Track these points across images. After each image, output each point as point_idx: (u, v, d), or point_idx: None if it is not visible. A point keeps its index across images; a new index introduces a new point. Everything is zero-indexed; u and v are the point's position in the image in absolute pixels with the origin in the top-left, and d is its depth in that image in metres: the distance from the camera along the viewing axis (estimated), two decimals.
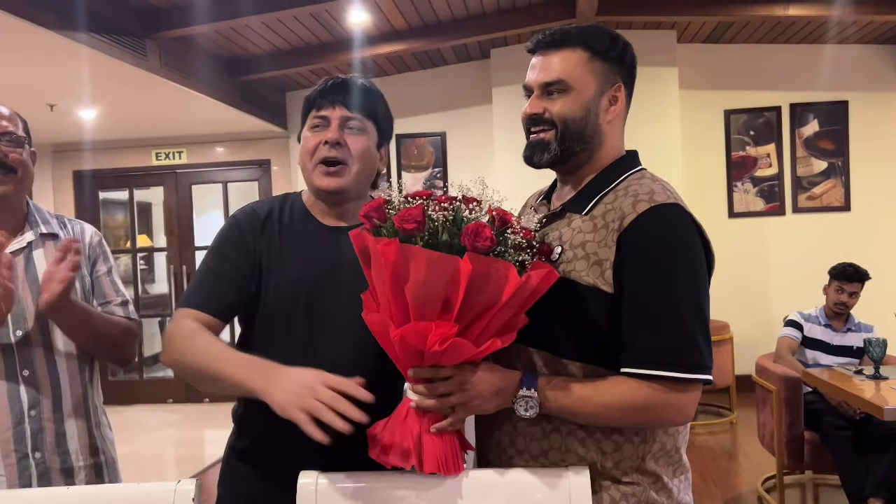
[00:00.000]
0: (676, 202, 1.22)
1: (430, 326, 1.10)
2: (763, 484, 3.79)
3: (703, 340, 1.17)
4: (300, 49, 5.28)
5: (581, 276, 1.20)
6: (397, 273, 1.10)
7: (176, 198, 6.70)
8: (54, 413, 1.58)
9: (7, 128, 1.59)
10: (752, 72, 5.95)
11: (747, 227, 5.98)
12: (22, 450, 1.54)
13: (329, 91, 1.43)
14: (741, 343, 5.49)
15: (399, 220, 1.11)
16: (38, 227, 1.66)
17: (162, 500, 1.17)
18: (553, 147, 1.28)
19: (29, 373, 1.56)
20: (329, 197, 1.44)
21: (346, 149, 1.40)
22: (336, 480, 1.20)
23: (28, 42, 3.65)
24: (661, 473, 1.24)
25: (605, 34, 1.31)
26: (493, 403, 1.20)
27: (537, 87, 1.30)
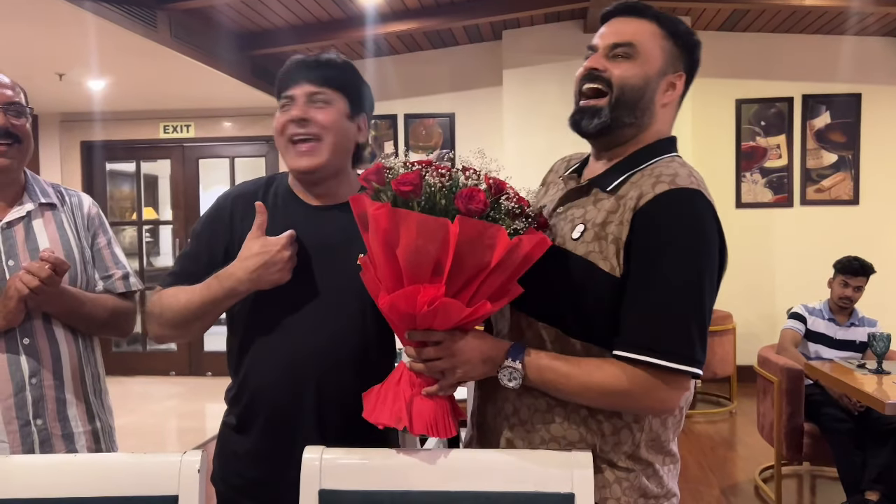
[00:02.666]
0: (699, 189, 1.19)
1: (418, 289, 1.12)
2: (760, 474, 3.81)
3: (696, 332, 1.14)
4: (312, 25, 5.24)
5: (598, 258, 1.19)
6: (389, 236, 1.11)
7: (183, 171, 6.69)
8: (54, 381, 1.60)
9: (12, 97, 1.59)
10: (765, 61, 5.90)
11: (754, 218, 5.96)
12: (24, 417, 1.55)
13: (293, 70, 1.43)
14: (744, 334, 5.49)
15: (396, 183, 1.12)
16: (38, 198, 1.66)
17: (168, 470, 1.18)
18: (605, 113, 1.24)
19: (29, 342, 1.57)
20: (307, 176, 1.43)
21: (314, 123, 1.39)
22: (340, 456, 1.21)
23: (37, 10, 3.63)
24: (653, 461, 1.25)
25: (682, 24, 1.30)
26: (479, 371, 1.21)
27: (604, 48, 1.27)
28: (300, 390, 1.38)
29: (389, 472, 1.19)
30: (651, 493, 1.24)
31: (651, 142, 1.28)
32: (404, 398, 1.20)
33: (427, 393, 1.20)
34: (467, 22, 5.35)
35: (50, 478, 1.19)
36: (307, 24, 5.23)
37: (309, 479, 1.18)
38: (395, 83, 6.16)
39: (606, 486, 1.22)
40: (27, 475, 1.19)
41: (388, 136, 6.23)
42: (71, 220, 1.70)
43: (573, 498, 1.15)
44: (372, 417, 1.21)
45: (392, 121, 6.22)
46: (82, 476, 1.19)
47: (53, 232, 1.65)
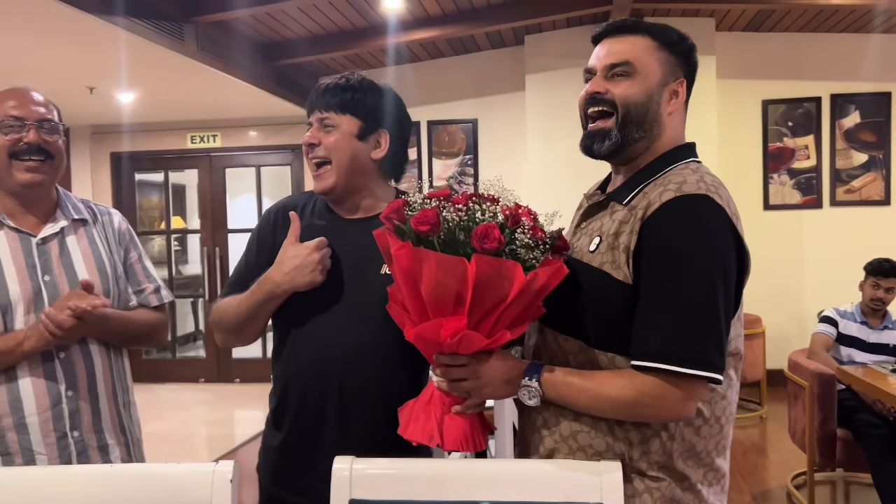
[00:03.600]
0: (707, 193, 1.17)
1: (441, 322, 1.17)
2: (793, 480, 3.75)
3: (709, 337, 1.14)
4: (335, 35, 5.29)
5: (611, 268, 1.20)
6: (412, 273, 1.17)
7: (210, 180, 6.78)
8: (89, 393, 1.63)
9: (45, 115, 1.62)
10: (792, 61, 5.83)
11: (783, 220, 5.88)
12: (60, 429, 1.58)
13: (312, 96, 1.52)
14: (773, 337, 5.41)
15: (415, 222, 1.17)
16: (70, 214, 1.69)
17: (200, 480, 1.20)
18: (614, 134, 1.26)
19: (64, 355, 1.59)
20: (326, 197, 1.53)
21: (321, 147, 1.49)
22: (370, 466, 1.22)
23: (70, 26, 3.71)
24: (690, 475, 1.22)
25: (673, 30, 1.31)
26: (503, 391, 1.25)
27: (602, 69, 1.28)
28: (325, 389, 1.46)
29: (420, 481, 1.20)
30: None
31: (665, 150, 1.28)
32: (435, 417, 1.24)
33: (455, 411, 1.25)
34: (489, 28, 5.36)
35: (85, 488, 1.21)
36: (330, 34, 5.28)
37: (339, 489, 1.20)
38: (418, 90, 6.18)
39: (636, 495, 1.21)
40: (63, 486, 1.22)
41: (412, 142, 6.26)
42: (102, 235, 1.74)
43: None
44: (406, 434, 1.26)
45: (415, 128, 6.25)
46: (116, 486, 1.21)
47: (86, 247, 1.68)
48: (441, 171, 6.22)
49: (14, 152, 1.58)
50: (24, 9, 3.47)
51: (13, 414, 1.54)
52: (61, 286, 1.61)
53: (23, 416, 1.54)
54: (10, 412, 1.54)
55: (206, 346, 6.96)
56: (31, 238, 1.62)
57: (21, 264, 1.59)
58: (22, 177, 1.59)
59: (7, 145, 1.57)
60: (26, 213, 1.64)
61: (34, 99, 1.63)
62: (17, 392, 1.54)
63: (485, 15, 5.20)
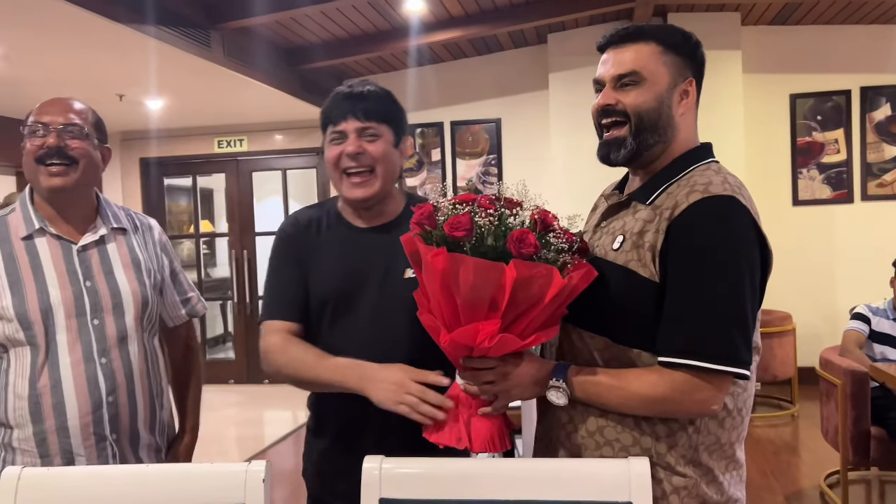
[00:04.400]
0: (732, 195, 1.20)
1: (477, 327, 1.18)
2: (826, 479, 3.70)
3: (738, 333, 1.16)
4: (357, 37, 5.33)
5: (637, 266, 1.22)
6: (447, 279, 1.18)
7: (237, 184, 6.87)
8: (128, 398, 1.65)
9: (72, 120, 1.63)
10: (820, 54, 5.74)
11: (812, 216, 5.79)
12: (100, 432, 1.60)
13: (338, 105, 1.51)
14: (804, 335, 5.34)
15: (449, 227, 1.19)
16: (110, 222, 1.71)
17: (234, 480, 1.23)
18: (629, 142, 1.28)
19: (105, 360, 1.62)
20: (362, 204, 1.53)
21: (367, 156, 1.48)
22: (399, 465, 1.24)
23: (100, 36, 3.79)
24: (714, 467, 1.24)
25: (677, 31, 1.31)
26: (531, 392, 1.27)
27: (610, 80, 1.30)
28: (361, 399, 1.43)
29: (449, 480, 1.22)
30: (710, 500, 1.24)
31: (682, 151, 1.31)
32: (462, 419, 1.26)
33: (483, 413, 1.26)
34: (512, 27, 5.36)
35: (120, 488, 1.25)
36: (353, 37, 5.32)
37: (369, 488, 1.21)
38: (440, 91, 6.20)
39: (664, 497, 1.22)
40: (99, 486, 1.25)
41: (435, 143, 6.28)
42: (143, 245, 1.76)
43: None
44: (433, 438, 1.28)
45: (438, 128, 6.26)
46: (151, 486, 1.25)
47: (126, 256, 1.71)
48: (464, 172, 6.23)
49: (39, 157, 1.59)
50: (56, 20, 3.55)
51: (56, 417, 1.57)
52: (102, 292, 1.64)
53: (65, 420, 1.57)
54: (53, 415, 1.57)
55: (235, 348, 7.05)
56: (72, 245, 1.64)
57: (62, 270, 1.61)
58: (46, 182, 1.60)
59: (33, 150, 1.60)
60: (65, 220, 1.66)
61: (64, 106, 1.65)
62: (60, 396, 1.57)
63: (507, 14, 5.20)
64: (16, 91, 4.87)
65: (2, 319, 1.57)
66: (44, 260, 1.61)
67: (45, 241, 1.63)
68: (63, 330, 1.58)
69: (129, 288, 1.67)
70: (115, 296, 1.65)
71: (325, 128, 1.54)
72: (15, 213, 1.66)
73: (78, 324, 1.60)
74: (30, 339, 1.57)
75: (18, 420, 1.58)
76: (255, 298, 6.78)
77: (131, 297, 1.67)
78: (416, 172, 6.30)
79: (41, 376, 1.57)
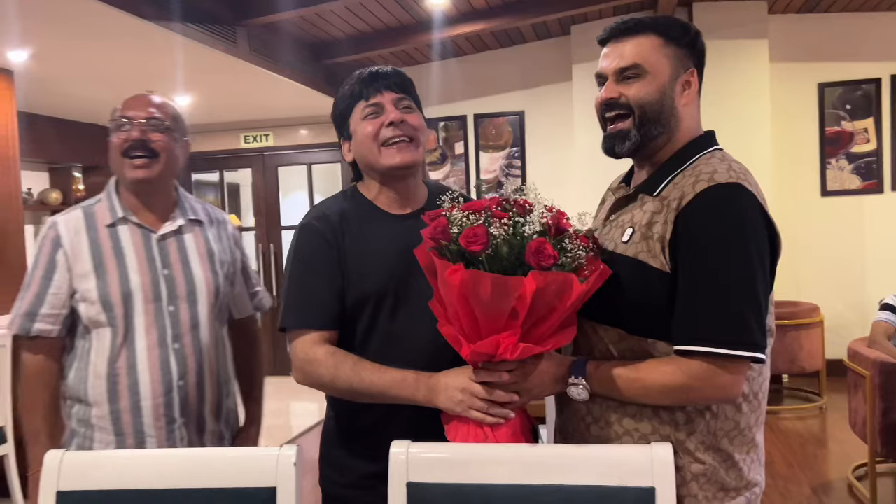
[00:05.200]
0: (738, 182, 1.21)
1: (497, 340, 1.20)
2: (854, 472, 3.66)
3: (752, 318, 1.17)
4: (381, 32, 5.35)
5: (648, 257, 1.24)
6: (465, 294, 1.19)
7: (263, 179, 6.94)
8: (197, 383, 1.72)
9: (153, 113, 1.70)
10: (849, 42, 5.65)
11: (841, 206, 5.71)
12: (170, 415, 1.67)
13: (370, 80, 1.50)
14: (833, 326, 5.28)
15: (465, 241, 1.19)
16: (188, 214, 1.78)
17: (266, 463, 1.26)
18: (633, 134, 1.30)
19: (178, 346, 1.69)
20: (401, 172, 1.48)
21: (408, 125, 1.47)
22: (426, 450, 1.26)
23: (128, 33, 3.86)
24: (733, 452, 1.26)
25: (676, 22, 1.33)
26: (551, 389, 1.30)
27: (612, 74, 1.32)
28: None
29: (474, 465, 1.24)
30: (730, 486, 1.26)
31: (686, 141, 1.32)
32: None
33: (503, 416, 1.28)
34: (535, 19, 5.34)
35: (157, 470, 1.28)
36: (377, 31, 5.34)
37: (397, 473, 1.24)
38: (464, 84, 6.21)
39: (684, 483, 1.24)
40: (137, 468, 1.29)
41: (459, 136, 6.29)
42: (217, 237, 1.83)
43: (654, 492, 1.17)
44: (457, 440, 1.29)
45: (462, 121, 6.27)
46: (188, 469, 1.28)
47: (202, 247, 1.78)
48: (488, 165, 6.24)
49: (124, 150, 1.67)
50: (84, 19, 3.61)
51: (130, 397, 1.65)
52: (178, 280, 1.71)
53: (139, 400, 1.65)
54: (128, 395, 1.65)
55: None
56: (152, 234, 1.72)
57: (142, 257, 1.69)
58: (129, 174, 1.68)
59: (119, 143, 1.67)
60: (147, 210, 1.73)
61: (147, 100, 1.73)
62: (135, 377, 1.65)
63: (531, 6, 5.19)
64: (45, 89, 4.98)
65: (86, 301, 1.66)
66: (126, 247, 1.69)
67: (127, 229, 1.71)
68: (141, 314, 1.66)
69: (203, 277, 1.74)
70: (190, 284, 1.72)
71: (348, 111, 1.51)
72: (101, 202, 1.74)
73: (154, 309, 1.67)
74: (110, 321, 1.65)
75: (97, 398, 1.66)
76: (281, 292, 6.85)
77: (205, 287, 1.74)
78: (440, 166, 6.31)
79: (119, 357, 1.65)
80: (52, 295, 1.67)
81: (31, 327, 1.67)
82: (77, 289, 1.67)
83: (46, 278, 1.68)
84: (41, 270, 1.69)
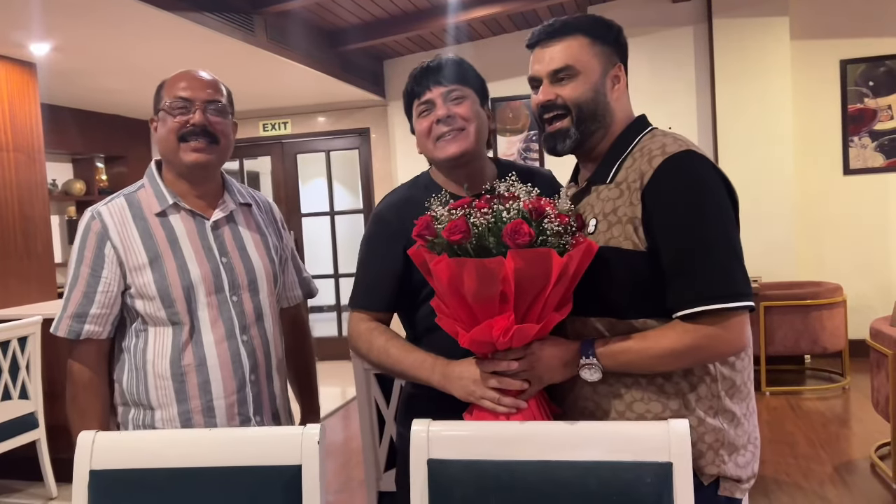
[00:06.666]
0: (689, 149, 1.28)
1: (490, 324, 1.23)
2: (877, 451, 3.65)
3: (737, 269, 1.24)
4: (396, 17, 5.35)
5: (620, 241, 1.28)
6: (454, 283, 1.23)
7: (282, 167, 6.99)
8: (267, 376, 1.64)
9: (213, 96, 1.60)
10: (872, 18, 5.54)
11: (865, 185, 5.64)
12: (245, 413, 1.59)
13: (421, 78, 1.54)
14: (856, 307, 5.23)
15: (447, 233, 1.24)
16: (237, 198, 1.69)
17: (290, 442, 1.29)
18: (572, 132, 1.36)
19: (246, 338, 1.60)
20: (456, 161, 1.51)
21: (457, 118, 1.51)
22: (446, 428, 1.29)
23: (149, 24, 3.90)
24: (736, 410, 1.31)
25: (600, 21, 1.39)
26: (561, 374, 1.32)
27: (546, 76, 1.37)
28: None
29: (494, 442, 1.26)
30: (738, 443, 1.31)
31: (622, 129, 1.38)
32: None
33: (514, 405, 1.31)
34: (552, 1, 5.31)
35: (187, 449, 1.32)
36: (392, 17, 5.34)
37: (418, 450, 1.27)
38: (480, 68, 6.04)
39: (700, 455, 1.29)
40: (167, 448, 1.33)
41: None
42: (265, 220, 1.75)
43: (671, 467, 1.19)
44: None
45: None
46: (215, 448, 1.31)
47: (255, 231, 1.69)
48: (506, 149, 6.23)
49: (182, 134, 1.56)
50: (106, 10, 3.66)
51: (202, 397, 1.56)
52: (237, 269, 1.61)
53: (211, 400, 1.56)
54: (199, 395, 1.56)
55: None
56: (205, 221, 1.61)
57: (198, 246, 1.59)
58: (188, 157, 1.56)
59: (175, 127, 1.56)
60: (197, 197, 1.62)
61: (203, 80, 1.61)
62: (206, 375, 1.56)
63: None
64: (68, 81, 5.05)
65: (143, 297, 1.55)
66: (180, 236, 1.58)
67: (179, 217, 1.60)
68: (204, 307, 1.56)
69: (262, 264, 1.66)
70: (250, 272, 1.63)
71: (409, 108, 1.57)
72: (144, 189, 1.62)
73: (218, 300, 1.57)
74: (171, 317, 1.55)
75: (162, 400, 1.56)
76: None
77: (264, 274, 1.65)
78: None
79: (184, 355, 1.55)
80: (102, 293, 1.55)
81: (80, 329, 1.55)
82: (132, 283, 1.54)
83: (94, 276, 1.55)
84: (87, 267, 1.55)
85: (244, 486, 1.27)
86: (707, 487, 1.30)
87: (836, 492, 3.27)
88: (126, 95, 5.63)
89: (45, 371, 3.57)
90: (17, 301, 4.21)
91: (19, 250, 4.29)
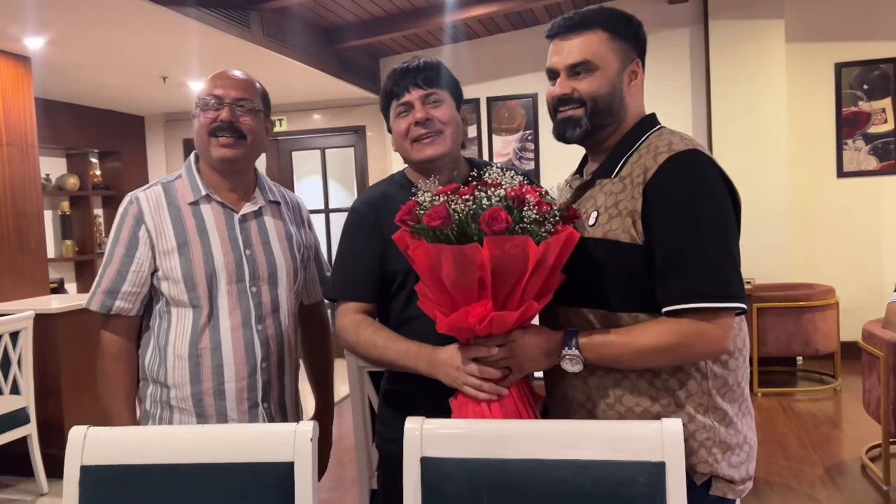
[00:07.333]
0: (695, 148, 1.29)
1: (467, 311, 1.24)
2: (867, 452, 3.67)
3: (731, 271, 1.24)
4: (393, 15, 5.34)
5: (618, 234, 1.28)
6: (432, 269, 1.24)
7: (278, 164, 6.97)
8: (278, 366, 1.72)
9: (242, 95, 1.68)
10: (866, 22, 5.57)
11: (858, 187, 5.66)
12: (253, 398, 1.67)
13: (399, 79, 1.56)
14: (849, 309, 5.25)
15: (427, 219, 1.24)
16: (267, 195, 1.77)
17: (283, 440, 1.29)
18: (584, 122, 1.36)
19: (261, 327, 1.68)
20: (432, 164, 1.55)
21: (435, 121, 1.53)
22: (440, 426, 1.29)
23: (143, 19, 3.88)
24: (728, 409, 1.31)
25: (621, 15, 1.38)
26: (542, 363, 1.33)
27: (564, 69, 1.37)
28: None
29: (487, 440, 1.26)
30: (731, 442, 1.31)
31: (632, 125, 1.38)
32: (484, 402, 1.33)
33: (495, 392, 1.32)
34: (548, 1, 5.31)
35: (179, 445, 1.31)
36: (389, 15, 5.33)
37: (411, 448, 1.26)
38: (476, 67, 6.18)
39: (692, 453, 1.29)
40: (159, 444, 1.32)
41: (471, 119, 6.27)
42: (293, 220, 1.82)
43: (664, 466, 1.19)
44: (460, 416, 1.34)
45: (474, 105, 6.25)
46: (207, 445, 1.31)
47: (281, 228, 1.77)
48: (501, 148, 6.23)
49: (212, 130, 1.65)
50: (101, 4, 3.64)
51: (214, 380, 1.64)
52: (259, 261, 1.70)
53: (222, 383, 1.65)
54: (212, 377, 1.64)
55: None
56: (234, 213, 1.70)
57: (224, 236, 1.67)
58: (216, 152, 1.66)
59: (206, 123, 1.66)
60: (228, 190, 1.71)
61: (236, 79, 1.70)
62: (219, 359, 1.64)
63: None
64: (62, 75, 5.02)
65: (169, 280, 1.64)
66: (209, 225, 1.67)
67: (209, 207, 1.69)
68: (224, 294, 1.65)
69: (284, 259, 1.73)
70: (271, 265, 1.71)
71: (387, 107, 1.60)
72: (181, 179, 1.72)
73: (237, 289, 1.66)
74: (192, 301, 1.64)
75: (178, 380, 1.65)
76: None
77: (285, 269, 1.73)
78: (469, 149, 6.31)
79: (202, 338, 1.64)
80: (134, 272, 1.65)
81: (112, 305, 1.65)
82: (160, 266, 1.64)
83: (128, 255, 1.65)
84: (122, 248, 1.66)
85: (236, 482, 1.27)
86: (700, 487, 1.30)
87: (826, 493, 3.29)
88: (121, 90, 5.61)
89: (37, 366, 3.55)
90: (9, 296, 4.20)
91: (12, 245, 4.27)
